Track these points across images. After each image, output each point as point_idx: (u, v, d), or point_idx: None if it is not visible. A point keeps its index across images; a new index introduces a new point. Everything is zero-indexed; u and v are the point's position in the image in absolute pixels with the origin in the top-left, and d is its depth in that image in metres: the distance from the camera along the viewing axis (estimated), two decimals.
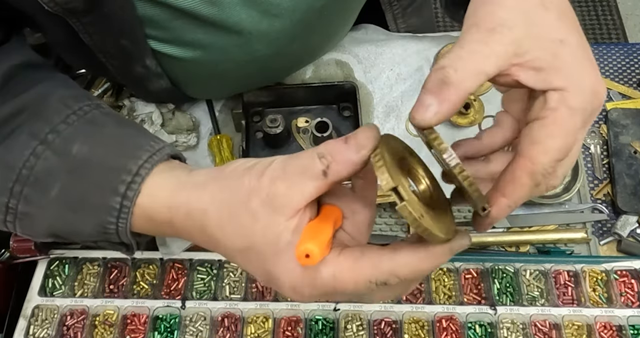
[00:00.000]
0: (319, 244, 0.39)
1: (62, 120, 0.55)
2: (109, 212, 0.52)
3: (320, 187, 0.43)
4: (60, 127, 0.55)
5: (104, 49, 0.70)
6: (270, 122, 0.87)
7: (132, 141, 0.55)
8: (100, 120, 0.58)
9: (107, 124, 0.57)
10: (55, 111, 0.56)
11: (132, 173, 0.52)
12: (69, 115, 0.56)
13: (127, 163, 0.52)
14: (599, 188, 0.90)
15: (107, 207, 0.52)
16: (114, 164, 0.53)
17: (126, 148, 0.54)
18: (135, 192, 0.51)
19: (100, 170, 0.53)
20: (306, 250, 0.39)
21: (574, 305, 0.80)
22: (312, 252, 0.39)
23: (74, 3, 0.59)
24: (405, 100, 0.95)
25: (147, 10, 0.64)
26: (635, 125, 0.92)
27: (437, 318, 0.80)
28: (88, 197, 0.53)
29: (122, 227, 0.53)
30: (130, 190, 0.51)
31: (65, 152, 0.54)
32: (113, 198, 0.51)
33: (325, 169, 0.42)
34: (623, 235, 0.85)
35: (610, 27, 2.64)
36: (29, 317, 0.82)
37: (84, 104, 0.58)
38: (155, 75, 0.78)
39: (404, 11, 0.99)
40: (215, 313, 0.82)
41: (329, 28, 0.85)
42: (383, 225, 0.88)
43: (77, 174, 0.53)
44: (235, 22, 0.68)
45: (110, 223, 0.52)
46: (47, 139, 0.54)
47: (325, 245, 0.41)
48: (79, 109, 0.57)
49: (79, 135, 0.55)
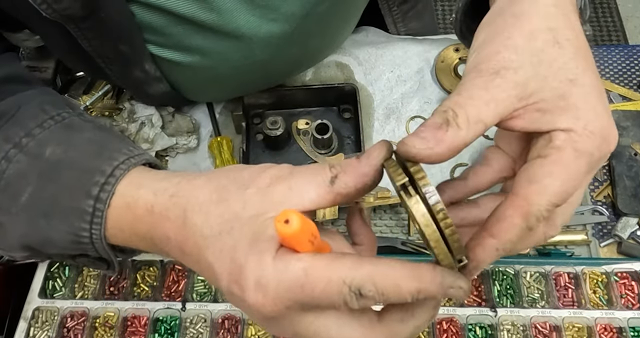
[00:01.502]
0: (303, 219, 0.35)
1: (38, 125, 0.52)
2: (82, 217, 0.48)
3: (323, 196, 0.40)
4: (36, 131, 0.52)
5: (102, 54, 0.70)
6: (271, 124, 0.87)
7: (109, 145, 0.52)
8: (78, 125, 0.55)
9: (85, 129, 0.54)
10: (31, 116, 0.53)
11: (105, 175, 0.48)
12: (46, 120, 0.53)
13: (101, 164, 0.49)
14: (599, 190, 0.90)
15: (79, 210, 0.48)
16: (88, 166, 0.49)
17: (102, 151, 0.51)
18: (109, 193, 0.48)
19: (72, 173, 0.50)
20: (287, 215, 0.34)
21: (575, 307, 0.80)
22: (293, 219, 0.34)
23: (71, 9, 0.58)
24: (405, 102, 0.95)
25: (146, 16, 0.64)
26: (635, 127, 0.92)
27: (438, 320, 0.80)
28: (59, 201, 0.49)
29: (96, 234, 0.49)
30: (103, 191, 0.48)
31: (38, 155, 0.51)
32: (85, 201, 0.48)
33: (332, 177, 0.40)
34: (623, 237, 0.85)
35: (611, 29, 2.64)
36: (29, 319, 0.82)
37: (63, 111, 0.55)
38: (154, 79, 0.78)
39: (404, 16, 0.99)
40: (216, 315, 0.82)
41: (329, 33, 0.85)
42: (383, 227, 0.88)
43: (48, 177, 0.50)
44: (235, 27, 0.68)
45: (83, 230, 0.49)
46: (20, 142, 0.51)
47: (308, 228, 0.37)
48: (57, 114, 0.54)
49: (53, 138, 0.52)
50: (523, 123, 0.40)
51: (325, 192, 0.40)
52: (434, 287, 0.38)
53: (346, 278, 0.37)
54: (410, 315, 0.40)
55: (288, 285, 0.37)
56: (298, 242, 0.37)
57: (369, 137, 0.93)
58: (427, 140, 0.38)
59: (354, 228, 0.46)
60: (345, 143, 0.92)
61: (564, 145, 0.39)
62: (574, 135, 0.39)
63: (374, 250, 0.46)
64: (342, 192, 0.40)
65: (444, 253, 0.37)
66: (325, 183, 0.40)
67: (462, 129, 0.38)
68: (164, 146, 0.91)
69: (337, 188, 0.40)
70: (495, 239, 0.39)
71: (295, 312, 0.39)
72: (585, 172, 0.39)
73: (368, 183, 0.41)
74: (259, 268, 0.37)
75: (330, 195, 0.40)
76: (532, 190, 0.38)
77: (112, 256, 0.52)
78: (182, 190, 0.44)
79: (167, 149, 0.92)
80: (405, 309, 0.40)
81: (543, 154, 0.39)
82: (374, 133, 0.93)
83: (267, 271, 0.37)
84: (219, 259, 0.40)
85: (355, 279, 0.37)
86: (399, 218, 0.88)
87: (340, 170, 0.40)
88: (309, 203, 0.40)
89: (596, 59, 1.02)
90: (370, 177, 0.40)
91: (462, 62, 0.96)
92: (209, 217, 0.41)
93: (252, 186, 0.41)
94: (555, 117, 0.39)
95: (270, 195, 0.40)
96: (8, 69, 0.60)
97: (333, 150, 0.90)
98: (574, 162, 0.39)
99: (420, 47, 0.98)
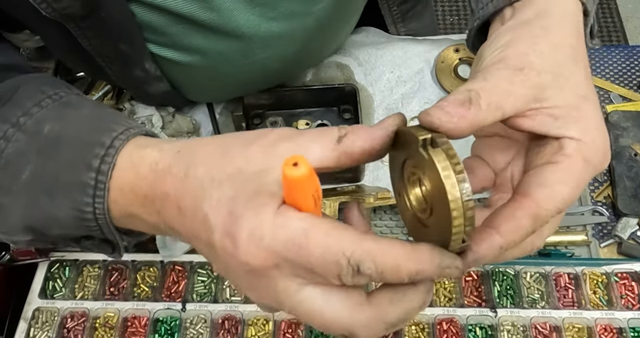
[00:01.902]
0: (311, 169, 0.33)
1: (36, 104, 0.51)
2: (84, 190, 0.47)
3: (328, 154, 0.39)
4: (34, 110, 0.51)
5: (102, 53, 0.70)
6: (271, 125, 0.87)
7: (107, 118, 0.51)
8: (76, 102, 0.54)
9: (83, 105, 0.53)
10: (29, 96, 0.52)
11: (105, 146, 0.47)
12: (44, 99, 0.52)
13: (100, 136, 0.48)
14: (600, 190, 0.90)
15: (81, 184, 0.47)
16: (87, 140, 0.48)
17: (100, 124, 0.50)
18: (110, 165, 0.46)
19: (71, 147, 0.49)
20: (295, 158, 0.33)
21: (575, 307, 0.80)
22: (302, 162, 0.32)
23: (71, 8, 0.58)
24: (405, 103, 0.95)
25: (146, 15, 0.64)
26: (635, 127, 0.92)
27: (438, 321, 0.80)
28: (60, 177, 0.48)
29: (99, 207, 0.47)
30: (104, 163, 0.46)
31: (36, 132, 0.50)
32: (87, 174, 0.47)
33: (340, 136, 0.39)
34: (623, 237, 0.85)
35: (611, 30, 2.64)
36: (30, 320, 0.82)
37: (61, 91, 0.54)
38: (154, 78, 0.78)
39: (404, 16, 0.99)
40: (216, 315, 0.82)
41: (328, 32, 0.85)
42: (383, 227, 0.88)
43: (48, 153, 0.49)
44: (234, 26, 0.68)
45: (86, 204, 0.47)
46: (18, 121, 0.50)
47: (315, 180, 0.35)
48: (54, 93, 0.53)
49: (51, 115, 0.51)
50: (533, 124, 0.42)
51: (331, 149, 0.39)
52: (432, 268, 0.37)
53: (346, 251, 0.36)
54: (401, 296, 0.39)
55: (284, 240, 0.36)
56: (303, 192, 0.36)
57: None
58: (451, 114, 0.39)
59: (352, 221, 0.45)
60: None
61: (575, 154, 0.41)
62: (583, 145, 0.41)
63: None
64: (348, 150, 0.39)
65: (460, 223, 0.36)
66: (332, 141, 0.39)
67: (483, 111, 0.40)
68: None
69: (343, 147, 0.39)
70: (502, 238, 0.39)
71: (283, 274, 0.37)
72: (586, 182, 0.42)
73: (376, 147, 0.40)
74: (256, 220, 0.36)
75: (335, 153, 0.39)
76: (543, 194, 0.40)
77: (116, 236, 0.50)
78: (188, 147, 0.44)
79: None
80: (396, 290, 0.39)
81: (554, 160, 0.41)
82: None
83: (265, 223, 0.36)
84: (215, 209, 0.38)
85: (355, 253, 0.36)
86: (399, 219, 0.88)
87: (350, 130, 0.40)
88: (313, 161, 0.39)
89: (596, 59, 1.02)
90: (379, 140, 0.39)
91: (462, 63, 0.96)
92: (211, 169, 0.40)
93: (256, 143, 0.40)
94: (566, 124, 0.41)
95: (275, 151, 0.39)
96: (8, 59, 0.60)
97: None
98: (583, 170, 0.41)
99: (421, 47, 0.98)
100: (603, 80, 1.00)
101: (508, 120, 0.42)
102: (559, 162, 0.41)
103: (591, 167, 0.41)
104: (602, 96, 0.98)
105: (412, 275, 0.37)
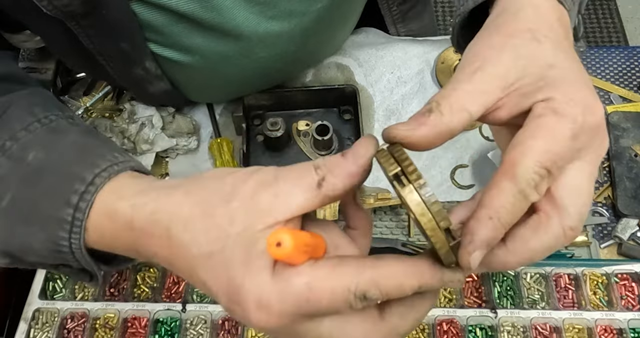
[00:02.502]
0: (294, 237, 0.34)
1: (24, 128, 0.51)
2: (61, 225, 0.46)
3: (311, 200, 0.39)
4: (20, 133, 0.50)
5: (103, 52, 0.70)
6: (271, 126, 0.87)
7: (93, 150, 0.50)
8: (64, 128, 0.53)
9: (70, 132, 0.52)
10: (18, 119, 0.52)
11: (85, 183, 0.46)
12: (32, 123, 0.51)
13: (82, 171, 0.47)
14: (600, 191, 0.90)
15: (58, 219, 0.46)
16: (68, 172, 0.48)
17: (85, 156, 0.49)
18: (88, 203, 0.46)
19: (53, 178, 0.48)
20: (277, 237, 0.33)
21: (575, 308, 0.80)
22: (284, 240, 0.33)
23: (72, 6, 0.59)
24: (405, 104, 0.95)
25: (146, 14, 0.65)
26: (635, 128, 0.92)
27: (438, 322, 0.80)
28: (39, 208, 0.48)
29: (75, 243, 0.47)
30: (82, 201, 0.46)
31: (20, 159, 0.49)
32: (65, 209, 0.46)
33: (320, 180, 0.39)
34: (624, 238, 0.85)
35: (611, 30, 2.64)
36: (30, 320, 0.82)
37: (51, 113, 0.53)
38: (155, 77, 0.78)
39: (404, 16, 1.00)
40: (216, 316, 0.82)
41: (328, 31, 0.85)
42: (384, 228, 0.88)
43: (29, 182, 0.48)
44: (234, 26, 0.68)
45: (62, 239, 0.47)
46: (4, 145, 0.50)
47: (301, 242, 0.36)
48: (44, 117, 0.52)
49: (37, 142, 0.50)
50: (507, 110, 0.41)
51: (313, 195, 0.39)
52: (434, 281, 0.38)
53: (350, 286, 0.37)
54: (410, 309, 0.41)
55: (293, 301, 0.37)
56: (292, 261, 0.37)
57: None
58: (409, 124, 0.39)
59: (349, 212, 0.45)
60: (346, 144, 0.93)
61: (544, 112, 0.39)
62: (552, 102, 0.39)
63: (368, 234, 0.45)
64: (330, 194, 0.39)
65: (441, 241, 0.37)
66: (312, 187, 0.39)
67: (444, 115, 0.39)
68: (164, 147, 0.91)
69: (324, 191, 0.39)
70: (486, 208, 0.38)
71: (300, 323, 0.38)
72: (571, 137, 0.39)
73: (356, 183, 0.40)
74: (258, 288, 0.37)
75: (317, 198, 0.39)
76: (516, 152, 0.38)
77: (94, 267, 0.50)
78: (162, 206, 0.42)
79: (167, 150, 0.92)
80: (405, 304, 0.41)
81: (525, 124, 0.40)
82: (374, 134, 0.93)
83: (267, 289, 0.37)
84: (213, 278, 0.39)
85: (359, 285, 0.37)
86: (399, 220, 0.88)
87: (327, 171, 0.39)
88: (296, 209, 0.39)
89: (596, 60, 1.02)
90: (358, 176, 0.40)
91: None
92: (195, 235, 0.40)
93: (236, 198, 0.39)
94: (535, 93, 0.40)
95: (256, 206, 0.39)
96: (4, 68, 0.60)
97: (333, 152, 0.91)
98: (556, 124, 0.39)
99: (421, 48, 0.98)
100: (603, 81, 1.00)
101: (487, 118, 0.42)
102: (528, 123, 0.39)
103: (567, 119, 0.39)
104: (602, 97, 0.98)
105: (416, 289, 0.38)
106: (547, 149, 0.38)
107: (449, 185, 0.90)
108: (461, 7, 0.52)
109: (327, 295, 0.37)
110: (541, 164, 0.38)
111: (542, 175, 0.38)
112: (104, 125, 0.92)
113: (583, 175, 0.41)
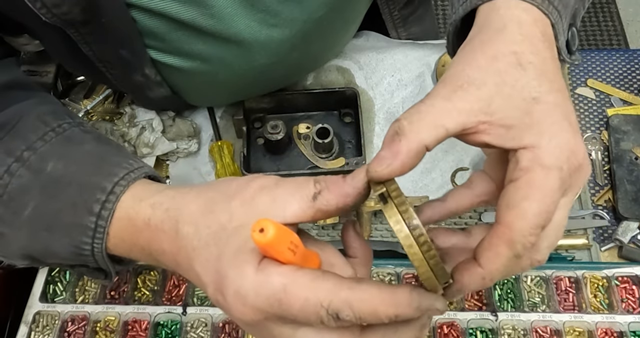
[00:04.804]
0: (278, 228, 0.35)
1: (40, 138, 0.54)
2: (84, 232, 0.50)
3: (305, 211, 0.41)
4: (37, 144, 0.53)
5: (103, 59, 0.70)
6: (272, 128, 0.87)
7: (109, 159, 0.53)
8: (79, 137, 0.56)
9: (85, 141, 0.56)
10: (32, 129, 0.55)
11: (106, 192, 0.50)
12: (47, 133, 0.54)
13: (102, 181, 0.50)
14: (600, 194, 0.90)
15: (81, 227, 0.50)
16: (88, 182, 0.51)
17: (102, 165, 0.52)
18: (110, 211, 0.49)
19: (73, 188, 0.51)
20: (261, 223, 0.35)
21: (575, 311, 0.80)
22: (268, 227, 0.35)
23: (71, 14, 0.59)
24: (406, 107, 0.95)
25: (146, 21, 0.64)
26: (636, 131, 0.92)
27: (439, 325, 0.80)
28: (62, 216, 0.51)
29: (97, 247, 0.51)
30: (104, 209, 0.49)
31: (39, 170, 0.52)
32: (87, 218, 0.50)
33: (316, 193, 0.41)
34: (624, 241, 0.85)
35: (612, 34, 2.64)
36: (30, 323, 0.82)
37: (63, 122, 0.56)
38: (155, 83, 0.78)
39: (405, 20, 1.00)
40: (217, 319, 0.82)
41: (329, 38, 0.85)
42: (384, 231, 0.88)
43: (50, 192, 0.52)
44: (234, 32, 0.68)
45: (85, 244, 0.50)
46: (22, 156, 0.52)
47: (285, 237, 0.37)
48: (57, 126, 0.56)
49: (55, 152, 0.53)
50: (489, 138, 0.41)
51: (307, 206, 0.41)
52: (410, 311, 0.38)
53: (324, 301, 0.37)
54: (393, 333, 0.41)
55: (266, 297, 0.38)
56: (276, 250, 0.38)
57: (369, 141, 0.93)
58: (384, 158, 0.39)
59: (348, 241, 0.46)
60: (346, 147, 0.93)
61: (531, 165, 0.39)
62: (538, 152, 0.39)
63: (368, 264, 0.46)
64: (323, 208, 0.41)
65: (427, 273, 0.38)
66: (308, 198, 0.41)
67: (419, 133, 0.39)
68: (165, 150, 0.91)
69: (318, 205, 0.41)
70: (482, 269, 0.40)
71: (274, 323, 0.40)
72: (559, 188, 0.39)
73: (349, 204, 0.41)
74: (239, 279, 0.39)
75: (311, 210, 0.41)
76: (512, 216, 0.39)
77: (110, 267, 0.53)
78: (176, 204, 0.46)
79: (168, 153, 0.93)
80: (387, 327, 0.41)
81: (514, 177, 0.40)
82: (374, 137, 0.94)
83: (247, 281, 0.38)
84: (205, 269, 0.42)
85: (332, 303, 0.37)
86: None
87: (324, 186, 0.41)
88: (290, 216, 0.41)
89: (597, 63, 1.02)
90: (352, 198, 0.41)
91: None
92: (198, 228, 0.43)
93: (237, 198, 0.42)
94: (520, 133, 0.40)
95: (254, 207, 0.41)
96: (8, 76, 0.61)
97: (334, 155, 0.91)
98: (545, 179, 0.39)
99: (421, 51, 0.98)
100: (604, 84, 1.00)
101: (467, 138, 0.41)
102: (518, 178, 0.39)
103: (554, 170, 0.39)
104: (603, 100, 0.98)
105: (392, 318, 0.38)
106: (542, 209, 0.39)
107: (450, 187, 0.90)
108: (453, 16, 0.52)
109: (299, 302, 0.38)
110: (537, 225, 0.39)
111: (537, 234, 0.39)
112: (105, 128, 0.92)
113: (564, 211, 0.42)
